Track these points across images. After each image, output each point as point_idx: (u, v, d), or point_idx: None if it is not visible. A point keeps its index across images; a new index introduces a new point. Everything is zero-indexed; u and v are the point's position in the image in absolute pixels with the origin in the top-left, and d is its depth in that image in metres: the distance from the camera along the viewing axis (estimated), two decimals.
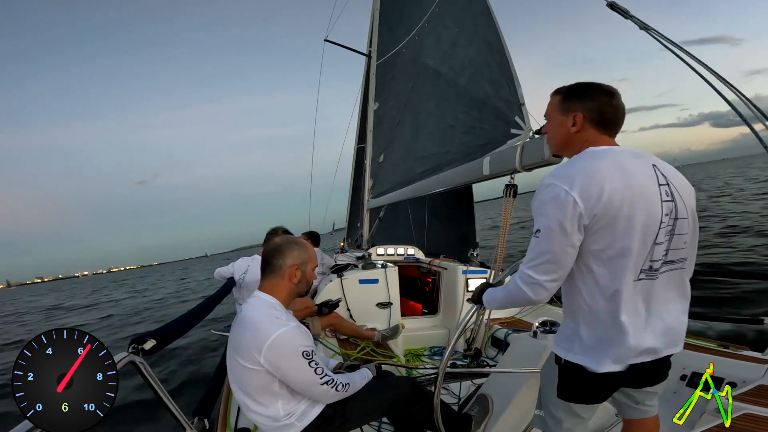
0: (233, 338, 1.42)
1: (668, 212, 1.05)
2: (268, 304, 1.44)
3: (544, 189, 1.07)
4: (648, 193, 1.04)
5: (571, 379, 1.16)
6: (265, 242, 2.92)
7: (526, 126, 2.30)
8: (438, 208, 5.95)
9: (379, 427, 2.04)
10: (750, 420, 1.48)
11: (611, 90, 1.13)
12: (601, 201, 1.00)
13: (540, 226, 1.06)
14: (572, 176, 1.03)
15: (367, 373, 1.68)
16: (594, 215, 1.01)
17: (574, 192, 1.01)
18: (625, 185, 1.01)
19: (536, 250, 1.07)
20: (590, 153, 1.10)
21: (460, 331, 1.60)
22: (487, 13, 2.83)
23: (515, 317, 3.62)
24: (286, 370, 1.35)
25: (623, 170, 1.04)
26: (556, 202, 1.03)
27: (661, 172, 1.08)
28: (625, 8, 2.30)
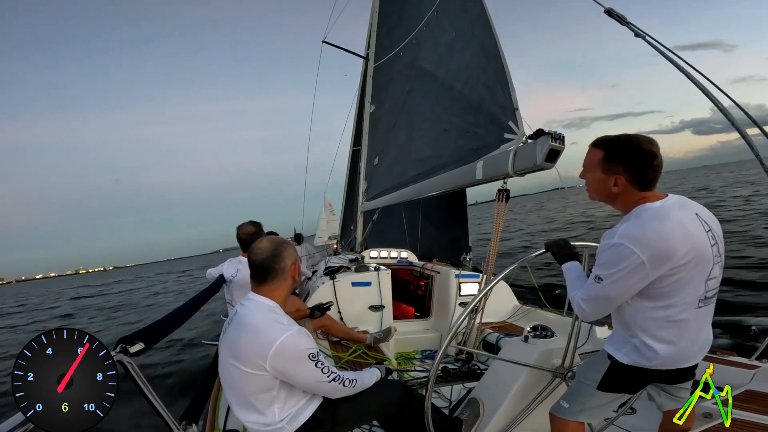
0: (230, 343, 1.38)
1: (716, 254, 1.23)
2: (267, 308, 1.43)
3: (615, 248, 1.19)
4: (703, 244, 1.20)
5: (618, 374, 1.34)
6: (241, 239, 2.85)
7: (519, 131, 2.32)
8: (431, 211, 5.97)
9: (369, 429, 2.03)
10: (738, 425, 1.50)
11: (653, 151, 1.22)
12: (670, 262, 1.15)
13: (603, 275, 1.21)
14: (642, 239, 1.15)
15: (376, 372, 1.69)
16: (660, 273, 1.17)
17: (645, 256, 1.14)
18: (690, 244, 1.17)
19: (593, 293, 1.25)
20: (652, 213, 1.20)
21: (452, 334, 1.59)
22: (484, 17, 2.85)
23: (507, 321, 3.63)
24: (293, 373, 1.35)
25: (686, 230, 1.18)
26: (626, 263, 1.16)
27: (704, 220, 1.24)
28: (622, 15, 2.34)
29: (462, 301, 3.66)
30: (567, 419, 1.43)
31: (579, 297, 1.29)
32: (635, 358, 1.28)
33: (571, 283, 1.40)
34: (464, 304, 3.63)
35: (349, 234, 7.52)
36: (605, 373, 1.36)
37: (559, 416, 1.45)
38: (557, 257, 1.54)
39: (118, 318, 14.41)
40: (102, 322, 14.05)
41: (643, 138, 1.24)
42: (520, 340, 1.92)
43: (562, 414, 1.44)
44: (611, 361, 1.35)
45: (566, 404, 1.45)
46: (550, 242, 1.60)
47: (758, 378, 1.87)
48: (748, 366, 1.97)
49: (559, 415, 1.45)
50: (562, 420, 1.44)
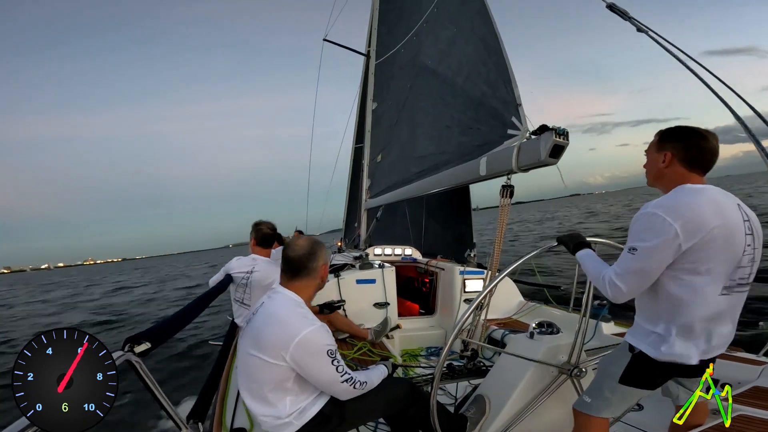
0: (254, 332, 1.41)
1: (750, 243, 1.24)
2: (294, 302, 1.47)
3: (647, 216, 1.22)
4: (737, 229, 1.21)
5: (640, 367, 1.32)
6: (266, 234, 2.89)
7: (522, 127, 2.30)
8: (435, 208, 5.96)
9: (375, 427, 2.04)
10: (745, 421, 1.49)
11: (703, 133, 1.28)
12: (700, 233, 1.16)
13: (638, 246, 1.22)
14: (676, 209, 1.18)
15: (383, 369, 1.70)
16: (691, 245, 1.17)
17: (677, 224, 1.16)
18: (721, 220, 1.18)
19: (628, 265, 1.23)
20: (689, 189, 1.25)
21: (457, 331, 1.59)
22: (485, 13, 2.83)
23: (512, 318, 3.62)
24: (310, 367, 1.38)
25: (719, 207, 1.20)
26: (659, 230, 1.18)
27: (744, 211, 1.26)
28: (624, 10, 2.31)
29: (467, 298, 3.65)
30: (590, 414, 1.41)
31: (612, 274, 1.26)
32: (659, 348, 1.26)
33: (593, 266, 1.38)
34: (469, 300, 3.62)
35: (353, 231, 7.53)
36: (627, 365, 1.34)
37: (582, 411, 1.44)
38: (569, 247, 1.54)
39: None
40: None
41: (699, 128, 1.30)
42: (526, 336, 1.91)
43: (585, 409, 1.43)
44: (632, 353, 1.34)
45: (589, 399, 1.43)
46: (564, 235, 1.61)
47: (766, 374, 1.85)
48: (756, 362, 1.95)
49: (583, 410, 1.43)
50: (586, 415, 1.42)
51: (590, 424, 1.42)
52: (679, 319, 1.23)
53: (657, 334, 1.27)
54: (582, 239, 1.54)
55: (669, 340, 1.25)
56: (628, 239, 1.26)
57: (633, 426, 1.91)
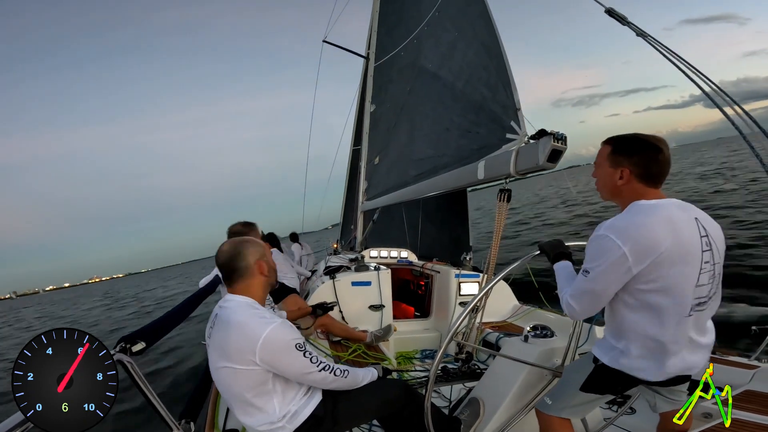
0: (218, 344, 1.38)
1: (708, 260, 1.21)
2: (247, 305, 1.44)
3: (599, 239, 1.22)
4: (692, 247, 1.19)
5: (602, 377, 1.34)
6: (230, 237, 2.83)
7: (521, 131, 2.31)
8: (432, 211, 5.96)
9: (369, 429, 2.03)
10: (738, 425, 1.50)
11: (659, 145, 1.25)
12: (652, 255, 1.15)
13: (589, 268, 1.23)
14: (626, 231, 1.18)
15: (373, 371, 1.69)
16: (642, 267, 1.16)
17: (626, 247, 1.15)
18: (674, 240, 1.16)
19: (581, 287, 1.25)
20: (642, 207, 1.23)
21: (452, 334, 1.59)
22: (487, 17, 2.85)
23: (507, 321, 3.63)
24: (282, 364, 1.36)
25: (672, 225, 1.18)
26: (608, 254, 1.18)
27: (702, 225, 1.23)
28: (622, 15, 2.33)
29: (462, 301, 3.65)
30: (551, 415, 1.47)
31: (568, 294, 1.29)
32: (622, 362, 1.28)
33: (560, 283, 1.40)
34: (464, 303, 3.63)
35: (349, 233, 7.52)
36: (589, 375, 1.37)
37: (543, 412, 1.49)
38: (549, 257, 1.54)
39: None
40: None
41: (650, 135, 1.26)
42: (520, 339, 1.92)
43: (545, 410, 1.48)
44: (596, 364, 1.36)
45: (549, 401, 1.48)
46: (544, 243, 1.61)
47: (758, 378, 1.86)
48: (748, 366, 1.96)
49: (543, 410, 1.49)
50: (546, 416, 1.48)
51: (552, 424, 1.47)
52: (638, 340, 1.24)
53: (618, 350, 1.29)
54: (562, 249, 1.54)
55: (629, 357, 1.26)
56: (584, 260, 1.27)
57: (625, 429, 1.92)
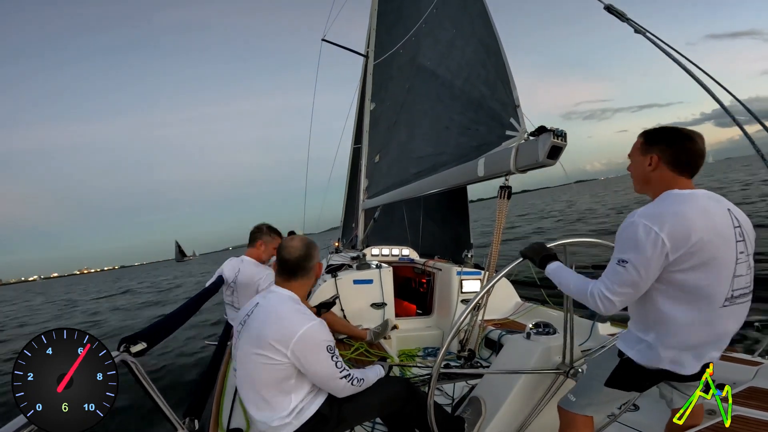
0: (252, 332, 1.42)
1: (742, 250, 1.20)
2: (291, 299, 1.49)
3: (633, 226, 1.18)
4: (727, 236, 1.18)
5: (627, 371, 1.32)
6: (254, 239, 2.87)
7: (521, 128, 2.31)
8: (433, 209, 5.96)
9: (372, 427, 2.03)
10: (741, 422, 1.49)
11: (690, 135, 1.25)
12: (688, 242, 1.13)
13: (627, 258, 1.18)
14: (662, 218, 1.15)
15: (380, 370, 1.71)
16: (679, 254, 1.14)
17: (663, 233, 1.13)
18: (709, 228, 1.15)
19: (619, 278, 1.20)
20: (676, 195, 1.22)
21: (454, 332, 1.59)
22: (485, 14, 2.84)
23: (509, 318, 3.63)
24: (311, 362, 1.39)
25: (707, 214, 1.17)
26: (645, 241, 1.14)
27: (735, 216, 1.22)
28: (621, 11, 2.33)
29: (464, 299, 3.65)
30: (575, 412, 1.44)
31: (602, 288, 1.22)
32: (649, 357, 1.25)
33: (573, 281, 1.35)
34: (466, 301, 3.63)
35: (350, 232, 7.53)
36: (614, 370, 1.35)
37: (566, 409, 1.46)
38: (535, 262, 1.52)
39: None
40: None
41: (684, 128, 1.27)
42: (523, 337, 1.92)
43: (569, 407, 1.46)
44: (621, 358, 1.33)
45: (573, 398, 1.46)
46: (526, 249, 1.58)
47: (761, 374, 1.86)
48: (752, 362, 1.96)
49: (567, 408, 1.46)
50: (570, 413, 1.45)
51: (575, 421, 1.44)
52: (670, 331, 1.21)
53: (647, 343, 1.26)
54: (547, 251, 1.52)
55: (658, 350, 1.23)
56: (615, 250, 1.23)
57: (629, 426, 1.92)
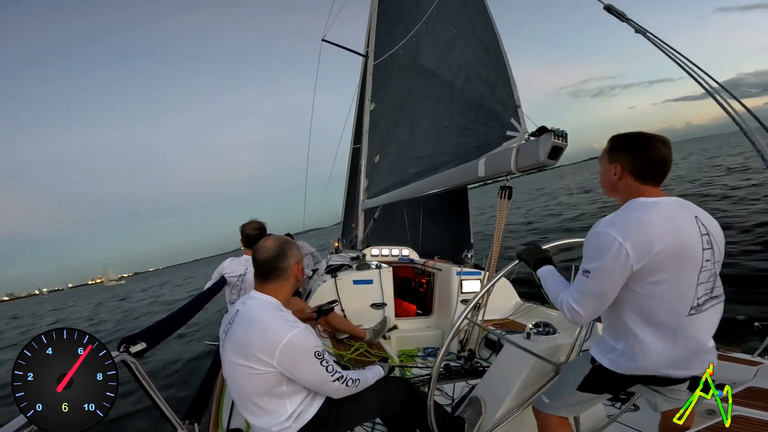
0: (237, 341, 1.37)
1: (709, 258, 1.20)
2: (272, 306, 1.43)
3: (597, 236, 1.20)
4: (693, 244, 1.18)
5: (599, 377, 1.33)
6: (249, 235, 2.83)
7: (521, 128, 2.31)
8: (433, 209, 5.96)
9: (372, 427, 2.03)
10: (741, 422, 1.49)
11: (654, 143, 1.23)
12: (651, 252, 1.13)
13: (590, 268, 1.20)
14: (626, 227, 1.16)
15: (379, 370, 1.69)
16: (642, 264, 1.14)
17: (627, 243, 1.13)
18: (673, 237, 1.15)
19: (583, 288, 1.21)
20: (641, 204, 1.22)
21: (454, 332, 1.59)
22: (485, 14, 2.84)
23: (509, 319, 3.63)
24: (299, 370, 1.35)
25: (672, 223, 1.17)
26: (610, 251, 1.15)
27: (703, 223, 1.22)
28: (621, 11, 2.32)
29: (464, 299, 3.65)
30: (548, 413, 1.46)
31: (569, 298, 1.24)
32: (621, 363, 1.26)
33: (552, 288, 1.36)
34: (466, 301, 3.62)
35: (350, 232, 7.53)
36: (586, 375, 1.36)
37: (540, 410, 1.49)
38: (529, 264, 1.51)
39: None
40: None
41: (651, 134, 1.25)
42: (523, 337, 1.92)
43: (543, 408, 1.48)
44: (593, 365, 1.34)
45: (546, 399, 1.48)
46: (521, 251, 1.58)
47: (761, 374, 1.86)
48: (751, 362, 1.96)
49: (540, 409, 1.49)
50: (543, 414, 1.48)
51: (549, 422, 1.46)
52: (638, 341, 1.21)
53: (618, 351, 1.27)
54: (542, 254, 1.52)
55: (630, 358, 1.24)
56: (582, 261, 1.24)
57: (629, 426, 1.91)
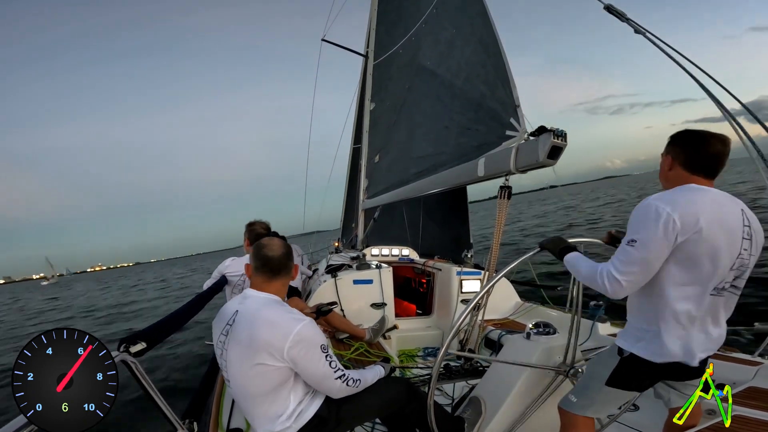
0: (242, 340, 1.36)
1: (746, 248, 1.24)
2: (275, 302, 1.45)
3: (646, 207, 1.22)
4: (734, 230, 1.22)
5: (628, 369, 1.33)
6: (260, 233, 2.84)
7: (521, 128, 2.31)
8: (433, 209, 5.96)
9: (372, 427, 2.03)
10: (740, 422, 1.49)
11: (708, 138, 1.28)
12: (697, 225, 1.17)
13: (637, 237, 1.21)
14: (675, 201, 1.20)
15: (380, 370, 1.69)
16: (687, 237, 1.17)
17: (675, 214, 1.17)
18: (719, 219, 1.20)
19: (629, 257, 1.22)
20: (689, 187, 1.27)
21: (454, 332, 1.59)
22: (484, 14, 2.84)
23: (509, 318, 3.63)
24: (305, 363, 1.36)
25: (719, 207, 1.22)
26: (658, 220, 1.18)
27: (747, 216, 1.26)
28: (621, 11, 2.32)
29: (464, 299, 3.65)
30: (575, 413, 1.43)
31: (611, 267, 1.24)
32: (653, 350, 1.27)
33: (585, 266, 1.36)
34: (466, 301, 3.63)
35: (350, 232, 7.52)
36: (615, 368, 1.35)
37: (567, 410, 1.46)
38: (555, 253, 1.53)
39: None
40: None
41: (710, 131, 1.30)
42: (522, 337, 1.92)
43: (570, 408, 1.45)
44: (621, 356, 1.34)
45: (574, 398, 1.45)
46: (545, 241, 1.60)
47: (761, 375, 1.86)
48: (751, 363, 1.96)
49: (568, 409, 1.46)
50: (570, 414, 1.45)
51: (576, 422, 1.44)
52: (671, 318, 1.23)
53: (652, 332, 1.27)
54: (566, 243, 1.54)
55: (663, 340, 1.24)
56: (627, 232, 1.25)
57: (629, 426, 1.92)
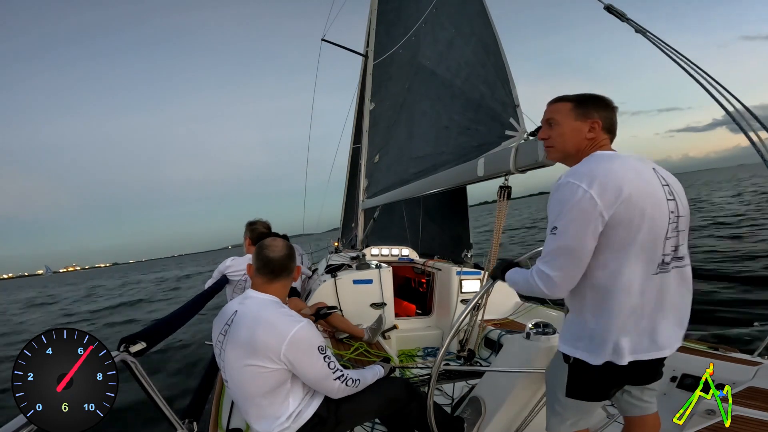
0: (243, 340, 1.36)
1: (673, 210, 1.12)
2: (274, 303, 1.45)
3: (561, 188, 1.10)
4: (657, 193, 1.10)
5: (580, 376, 1.20)
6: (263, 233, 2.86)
7: (520, 128, 2.31)
8: (432, 209, 5.97)
9: (372, 427, 2.03)
10: (740, 422, 1.49)
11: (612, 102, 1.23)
12: (620, 198, 1.04)
13: (557, 224, 1.09)
14: (590, 175, 1.07)
15: (379, 370, 1.69)
16: (612, 212, 1.05)
17: (593, 190, 1.04)
18: (640, 185, 1.07)
19: (553, 246, 1.11)
20: (600, 156, 1.15)
21: (454, 331, 1.59)
22: (484, 14, 2.84)
23: (508, 318, 3.63)
24: (303, 364, 1.36)
25: (635, 171, 1.10)
26: (574, 200, 1.06)
27: (661, 175, 1.15)
28: (621, 11, 2.32)
29: (463, 298, 3.66)
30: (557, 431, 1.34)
31: (539, 264, 1.14)
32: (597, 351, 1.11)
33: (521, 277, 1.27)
34: (466, 301, 3.63)
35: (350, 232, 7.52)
36: (567, 377, 1.22)
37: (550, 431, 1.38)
38: (500, 277, 1.47)
39: None
40: None
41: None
42: (522, 337, 1.92)
43: (550, 428, 1.37)
44: (568, 363, 1.21)
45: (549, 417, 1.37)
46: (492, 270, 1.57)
47: (760, 375, 1.86)
48: (751, 362, 1.96)
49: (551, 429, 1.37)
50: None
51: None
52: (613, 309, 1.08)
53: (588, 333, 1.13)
54: (508, 262, 1.48)
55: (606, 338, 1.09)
56: (548, 221, 1.13)
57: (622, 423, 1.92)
